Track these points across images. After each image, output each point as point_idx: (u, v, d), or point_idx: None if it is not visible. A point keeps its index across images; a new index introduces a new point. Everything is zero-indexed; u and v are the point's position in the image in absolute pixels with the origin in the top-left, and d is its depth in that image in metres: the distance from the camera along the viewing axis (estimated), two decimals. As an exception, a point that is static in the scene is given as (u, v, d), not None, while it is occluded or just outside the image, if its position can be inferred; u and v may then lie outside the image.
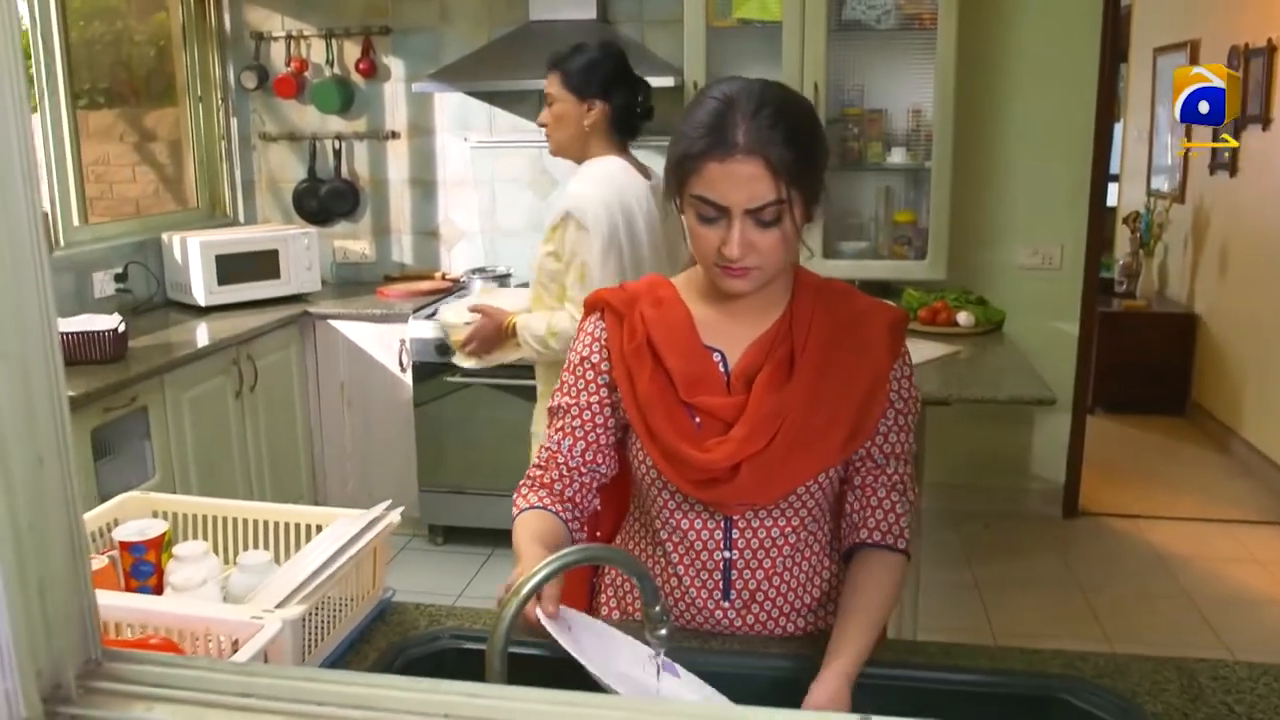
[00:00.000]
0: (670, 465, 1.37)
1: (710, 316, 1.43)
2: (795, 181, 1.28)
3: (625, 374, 1.41)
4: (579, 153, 2.55)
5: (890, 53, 3.74)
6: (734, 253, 1.29)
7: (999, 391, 2.70)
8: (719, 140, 1.26)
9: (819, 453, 1.37)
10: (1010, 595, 3.57)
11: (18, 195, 0.72)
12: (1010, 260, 3.99)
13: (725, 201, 1.28)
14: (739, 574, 1.42)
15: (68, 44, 3.49)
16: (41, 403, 0.75)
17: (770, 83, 1.33)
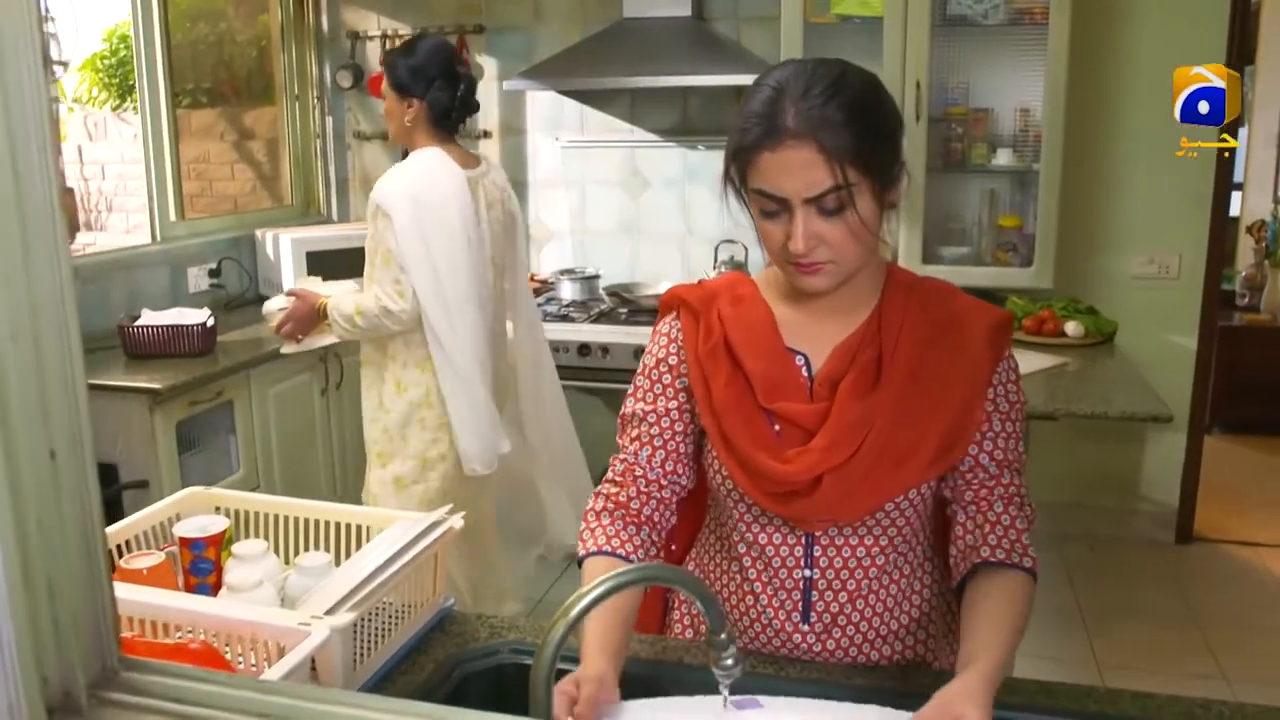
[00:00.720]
0: (747, 476, 1.27)
1: (793, 317, 1.32)
2: (857, 164, 1.16)
3: (701, 377, 1.32)
4: (408, 143, 2.70)
5: (997, 49, 3.57)
6: (799, 246, 1.18)
7: (1110, 407, 2.52)
8: (769, 128, 1.17)
9: (909, 467, 1.25)
10: (1117, 624, 3.36)
11: (34, 167, 0.67)
12: (1123, 269, 3.78)
13: (782, 192, 1.18)
14: (820, 595, 1.31)
15: (169, 45, 3.55)
16: (56, 391, 0.70)
17: (825, 60, 1.22)
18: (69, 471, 0.71)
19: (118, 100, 4.67)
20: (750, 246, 3.90)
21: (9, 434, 0.66)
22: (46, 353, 0.69)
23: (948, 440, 1.26)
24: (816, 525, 1.28)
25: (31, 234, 0.67)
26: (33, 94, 0.66)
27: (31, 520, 0.68)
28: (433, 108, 2.60)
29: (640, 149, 4.08)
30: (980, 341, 1.28)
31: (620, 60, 3.66)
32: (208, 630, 1.20)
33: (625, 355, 3.46)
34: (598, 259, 4.18)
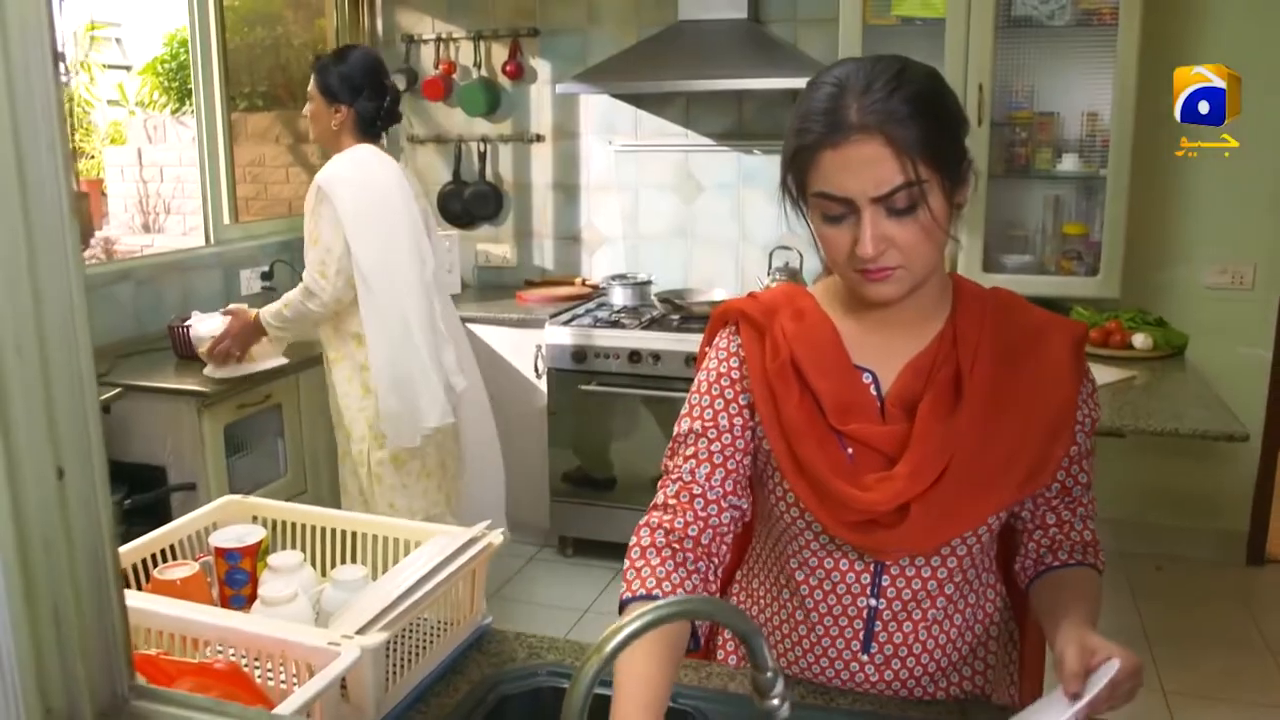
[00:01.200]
0: (821, 505, 1.18)
1: (858, 332, 1.24)
2: (927, 158, 1.09)
3: (768, 397, 1.22)
4: (331, 146, 2.78)
5: (1064, 51, 3.46)
6: (868, 250, 1.10)
7: (1181, 424, 2.41)
8: (832, 124, 1.09)
9: (996, 492, 1.18)
10: (1184, 648, 3.23)
11: (43, 171, 0.63)
12: (1194, 279, 3.63)
13: (846, 193, 1.09)
14: (883, 625, 1.24)
15: (224, 49, 3.57)
16: (64, 407, 0.66)
17: (883, 55, 1.15)
18: (77, 490, 0.67)
19: (177, 104, 4.72)
20: (806, 253, 3.82)
21: (12, 452, 0.62)
22: (54, 366, 0.65)
23: (1036, 462, 1.19)
24: (891, 556, 1.21)
25: (39, 240, 0.63)
26: (42, 95, 0.62)
27: (37, 542, 0.65)
28: (360, 115, 2.74)
29: (694, 153, 4.03)
30: (1064, 360, 1.21)
31: (675, 63, 3.61)
32: (237, 647, 1.16)
33: (676, 363, 3.41)
34: (650, 264, 4.13)
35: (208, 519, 1.50)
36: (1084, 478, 1.26)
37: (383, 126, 2.83)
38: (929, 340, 1.22)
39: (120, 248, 4.48)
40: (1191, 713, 2.88)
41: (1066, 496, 1.26)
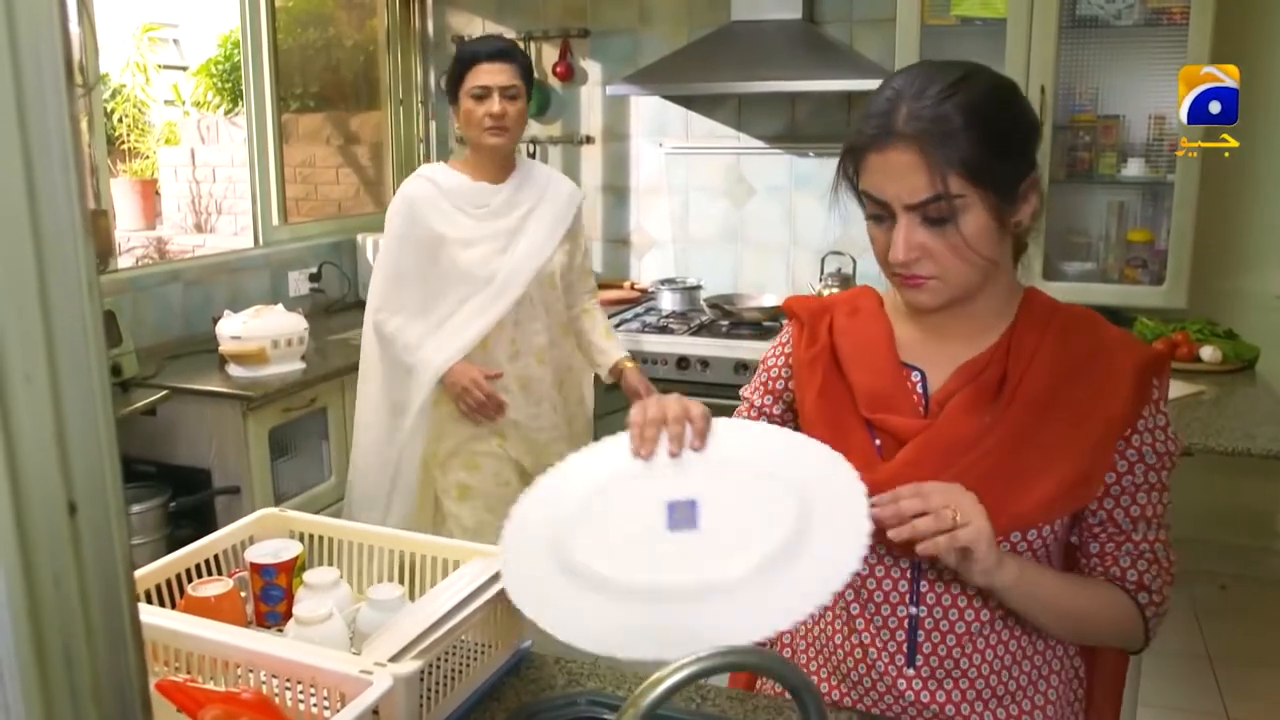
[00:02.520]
0: None
1: (914, 335, 1.25)
2: (965, 174, 1.07)
3: (800, 385, 1.30)
4: (511, 156, 2.59)
5: (1131, 52, 3.34)
6: (898, 255, 1.12)
7: (1253, 443, 2.30)
8: (880, 128, 1.12)
9: (1021, 502, 1.13)
10: (1250, 674, 3.11)
11: (55, 189, 0.59)
12: (1265, 288, 3.50)
13: (884, 196, 1.12)
14: (926, 636, 1.20)
15: (276, 50, 3.57)
16: (77, 438, 0.62)
17: (955, 62, 1.14)
18: (91, 526, 0.64)
19: (230, 104, 4.75)
20: (859, 259, 3.74)
21: (20, 487, 0.58)
22: (66, 395, 0.61)
23: (1072, 482, 1.14)
24: (907, 551, 1.15)
25: (50, 263, 0.59)
26: (55, 109, 0.58)
27: (47, 581, 0.61)
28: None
29: (746, 155, 3.96)
30: (1126, 380, 1.15)
31: (728, 64, 3.54)
32: (267, 671, 1.13)
33: (725, 370, 3.34)
34: (699, 269, 4.07)
35: (244, 532, 1.47)
36: (1136, 510, 1.18)
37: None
38: (985, 349, 1.21)
39: (172, 247, 4.52)
40: (1258, 741, 2.77)
41: (1111, 527, 1.19)
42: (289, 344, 2.81)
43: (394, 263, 2.49)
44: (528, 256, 2.49)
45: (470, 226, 2.47)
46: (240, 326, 2.76)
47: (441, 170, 2.54)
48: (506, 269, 2.47)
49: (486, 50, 2.44)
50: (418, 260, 2.47)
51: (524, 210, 2.53)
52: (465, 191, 2.49)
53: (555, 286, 2.58)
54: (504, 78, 2.42)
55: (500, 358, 2.51)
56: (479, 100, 2.42)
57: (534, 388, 2.57)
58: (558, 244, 2.56)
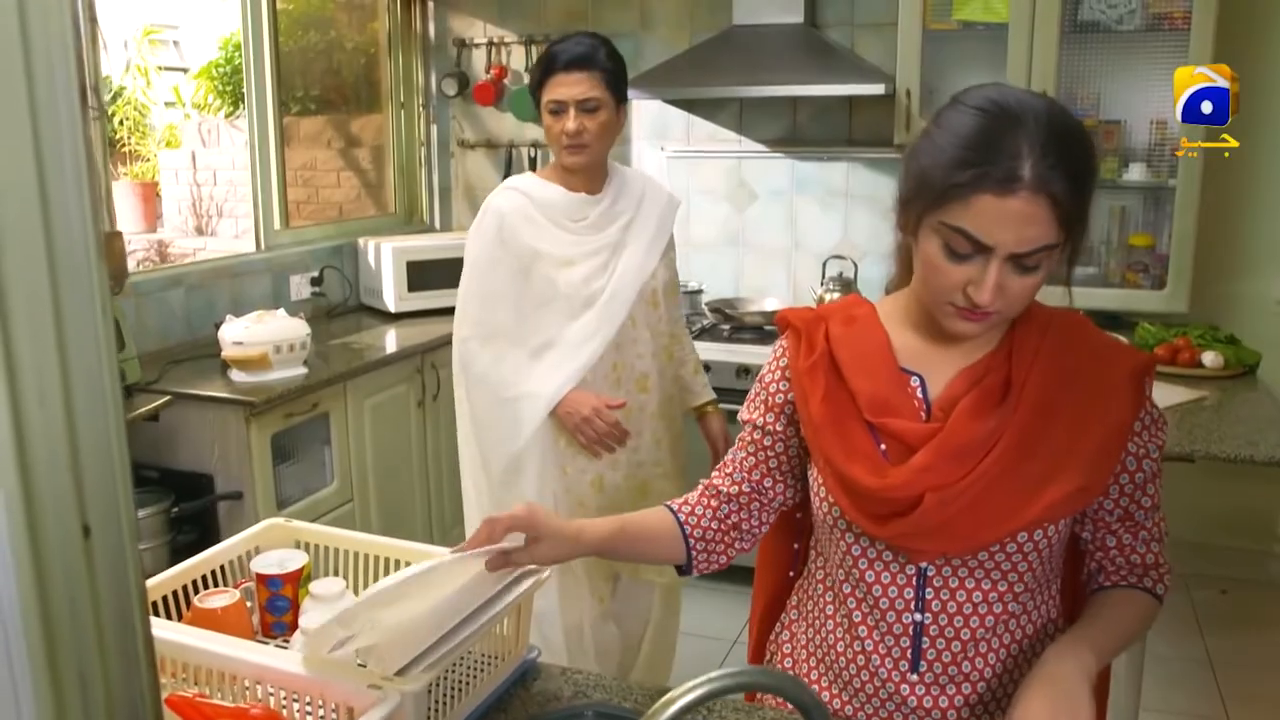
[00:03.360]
0: (846, 495, 1.20)
1: (911, 342, 1.26)
2: (1072, 225, 1.08)
3: (801, 394, 1.28)
4: (603, 166, 2.31)
5: (1132, 57, 3.34)
6: (985, 299, 1.10)
7: (1256, 450, 2.30)
8: (1000, 170, 1.05)
9: (1031, 505, 1.15)
10: (1251, 678, 3.11)
11: (70, 215, 0.59)
12: (1265, 292, 3.50)
13: (991, 240, 1.08)
14: (931, 642, 1.21)
15: (278, 53, 3.57)
16: (91, 461, 0.62)
17: (1051, 101, 1.11)
18: (105, 549, 0.64)
19: (231, 107, 4.75)
20: (860, 263, 3.74)
21: (34, 510, 0.59)
22: (80, 418, 0.61)
23: (1079, 483, 1.16)
24: (922, 555, 1.19)
25: (65, 286, 0.59)
26: (70, 134, 0.59)
27: (62, 605, 0.61)
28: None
29: (747, 159, 3.96)
30: (1123, 384, 1.19)
31: (729, 69, 3.55)
32: (274, 685, 1.13)
33: (727, 374, 3.35)
34: (700, 272, 4.07)
35: (250, 543, 1.47)
36: (1148, 502, 1.25)
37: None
38: (983, 351, 1.23)
39: (173, 250, 4.52)
40: (1261, 748, 2.78)
41: (1128, 521, 1.26)
42: (291, 349, 2.81)
43: (484, 284, 2.23)
44: (631, 273, 2.25)
45: (569, 243, 2.23)
46: (242, 332, 2.76)
47: (532, 181, 2.30)
48: (610, 288, 2.23)
49: (563, 59, 2.19)
50: (511, 281, 2.22)
51: (624, 221, 2.28)
52: (560, 204, 2.25)
53: (659, 305, 2.33)
54: (581, 89, 2.16)
55: (602, 385, 2.26)
56: (556, 116, 2.19)
57: (634, 418, 2.31)
58: (660, 258, 2.32)
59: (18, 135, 0.57)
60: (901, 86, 3.37)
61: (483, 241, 2.24)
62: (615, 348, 2.25)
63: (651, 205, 2.32)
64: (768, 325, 3.61)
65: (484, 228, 2.24)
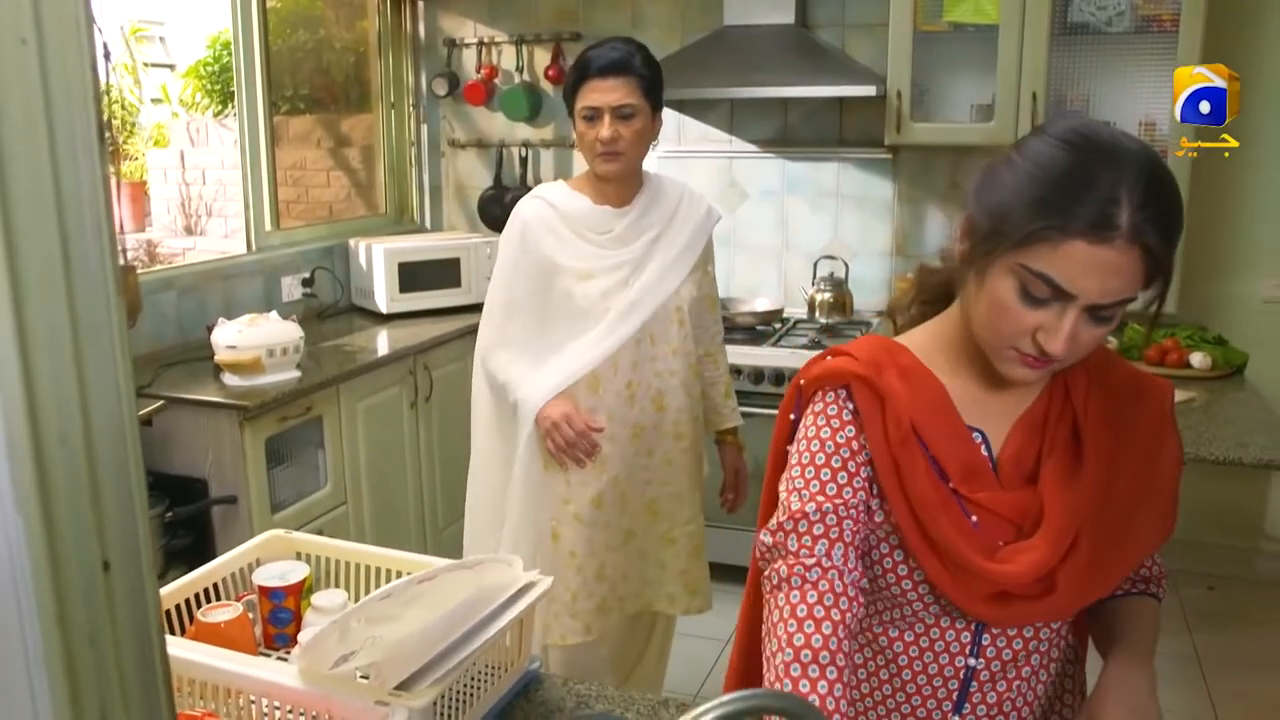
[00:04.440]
0: (951, 578, 1.11)
1: (963, 389, 1.17)
2: (1157, 278, 1.03)
3: (893, 468, 1.12)
4: (637, 175, 2.25)
5: (1122, 58, 3.36)
6: (1058, 349, 1.03)
7: (1245, 452, 2.33)
8: (1097, 217, 0.98)
9: (1123, 562, 1.16)
10: (1238, 675, 3.14)
11: (89, 254, 0.60)
12: (1252, 292, 3.54)
13: (1074, 289, 1.01)
14: (979, 686, 1.19)
15: (268, 53, 3.56)
16: (110, 497, 0.63)
17: (1149, 149, 1.04)
18: (124, 583, 0.64)
19: (219, 106, 4.73)
20: (851, 263, 3.76)
21: (57, 546, 0.59)
22: (100, 455, 0.62)
23: (1156, 523, 1.18)
24: (1027, 623, 1.18)
25: (84, 328, 0.60)
26: (88, 173, 0.59)
27: (83, 640, 0.62)
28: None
29: (738, 159, 3.97)
30: (1161, 421, 1.19)
31: (721, 70, 3.55)
32: (280, 700, 1.14)
33: (718, 375, 3.35)
34: (691, 271, 4.08)
35: (250, 555, 1.48)
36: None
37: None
38: (1036, 395, 1.18)
39: (163, 250, 4.50)
40: (1246, 743, 2.81)
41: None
42: (284, 353, 2.81)
43: (507, 292, 2.23)
44: (650, 290, 2.19)
45: (591, 255, 2.18)
46: (235, 335, 2.76)
47: (559, 190, 2.26)
48: (625, 302, 2.17)
49: (597, 64, 2.11)
50: (531, 290, 2.21)
51: (651, 235, 2.21)
52: (585, 215, 2.20)
53: (684, 323, 2.25)
54: (616, 95, 2.09)
55: (613, 401, 2.20)
56: (589, 123, 2.12)
57: (646, 435, 2.25)
58: (687, 273, 2.24)
59: (38, 177, 0.58)
60: (893, 87, 3.38)
61: (508, 249, 2.23)
62: (632, 365, 2.20)
63: (685, 219, 2.25)
64: (759, 325, 3.63)
65: (510, 235, 2.23)
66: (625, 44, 2.17)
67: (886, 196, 3.80)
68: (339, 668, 1.10)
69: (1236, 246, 3.53)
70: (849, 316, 3.67)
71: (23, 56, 0.56)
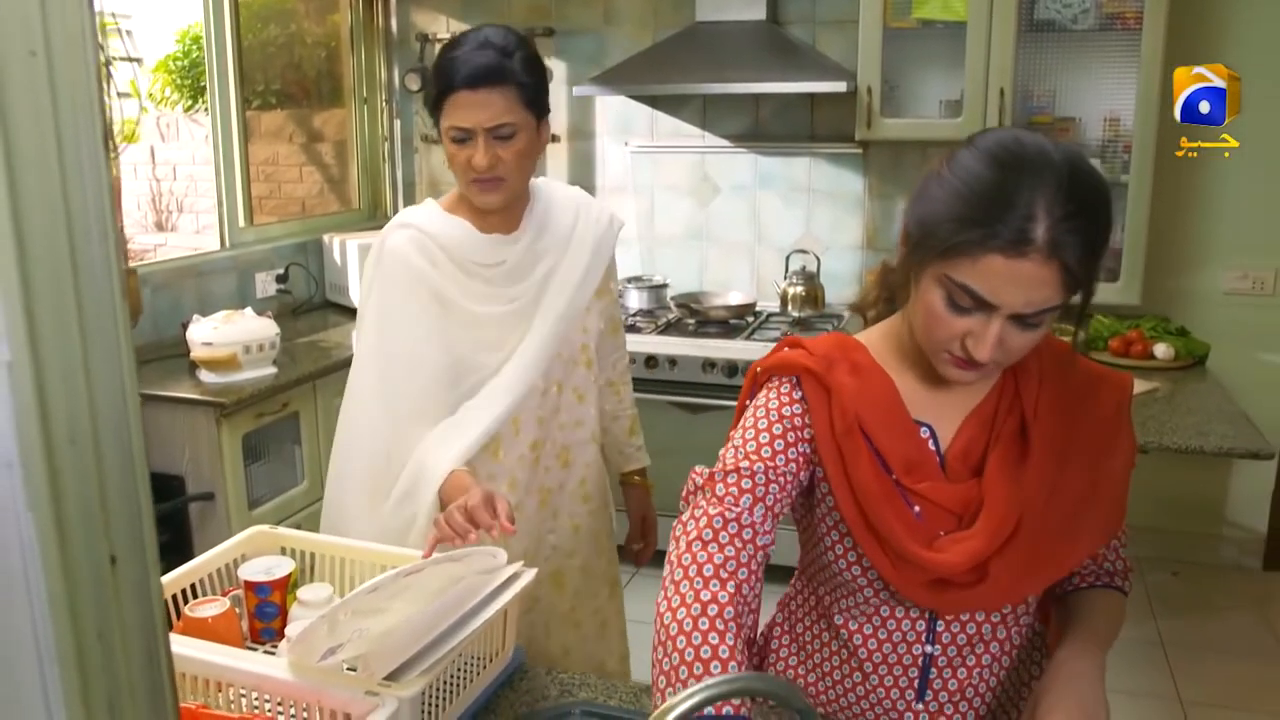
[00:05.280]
0: (892, 565, 1.16)
1: (913, 385, 1.22)
2: (1081, 287, 1.07)
3: (837, 457, 1.17)
4: (524, 196, 1.79)
5: (1086, 55, 3.43)
6: (984, 355, 1.07)
7: (1206, 441, 2.40)
8: (1012, 233, 1.01)
9: (1069, 555, 1.19)
10: (1201, 657, 3.22)
11: (95, 261, 0.62)
12: (1214, 285, 3.61)
13: (996, 301, 1.04)
14: (939, 673, 1.23)
15: (240, 48, 3.55)
16: (116, 494, 0.65)
17: (1074, 159, 1.05)
18: (130, 577, 0.66)
19: (189, 101, 4.70)
20: (822, 257, 3.80)
21: (67, 543, 0.61)
22: (107, 454, 0.64)
23: (1106, 515, 1.20)
24: (967, 611, 1.21)
25: (91, 329, 0.62)
26: (93, 179, 0.61)
27: (91, 633, 0.64)
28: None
29: (711, 154, 4.00)
30: (1116, 418, 1.22)
31: (693, 65, 3.58)
32: (271, 694, 1.16)
33: (693, 368, 3.39)
34: (665, 266, 4.11)
35: (236, 551, 1.49)
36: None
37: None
38: (986, 391, 1.21)
39: (134, 246, 4.47)
40: (1211, 725, 2.88)
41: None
42: (261, 349, 2.81)
43: (405, 343, 1.74)
44: (551, 328, 1.78)
45: (482, 294, 1.75)
46: (211, 332, 2.76)
47: (433, 214, 1.77)
48: (525, 349, 1.76)
49: (465, 73, 1.62)
50: (430, 334, 1.74)
51: (546, 266, 1.79)
52: (469, 245, 1.74)
53: (591, 363, 1.87)
54: (491, 113, 1.62)
55: (515, 465, 1.80)
56: (460, 145, 1.66)
57: (552, 499, 1.88)
58: (590, 299, 1.84)
59: (48, 184, 0.60)
60: (863, 84, 3.42)
61: (392, 291, 1.73)
62: (538, 423, 1.80)
63: (583, 238, 1.83)
64: (732, 319, 3.66)
65: (388, 274, 1.73)
66: (499, 38, 1.67)
67: (857, 191, 3.85)
68: (326, 660, 1.12)
69: (1199, 240, 3.60)
70: (821, 310, 3.71)
71: (32, 68, 0.58)
